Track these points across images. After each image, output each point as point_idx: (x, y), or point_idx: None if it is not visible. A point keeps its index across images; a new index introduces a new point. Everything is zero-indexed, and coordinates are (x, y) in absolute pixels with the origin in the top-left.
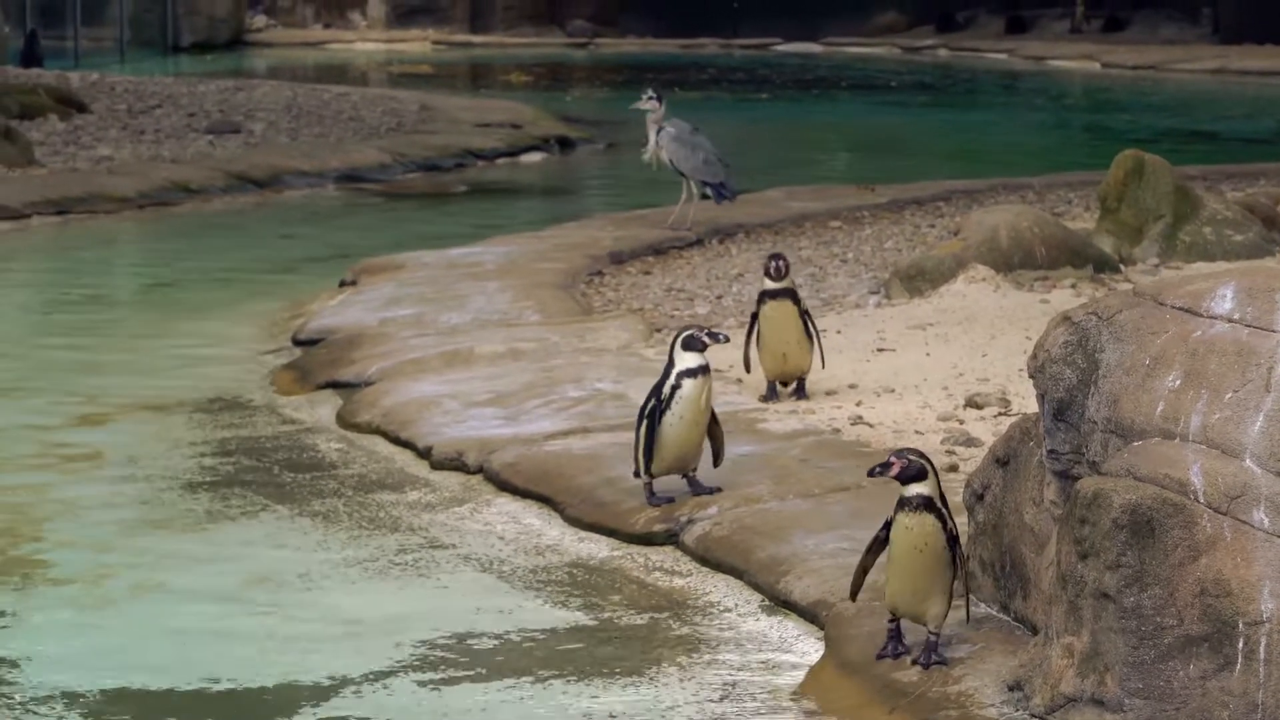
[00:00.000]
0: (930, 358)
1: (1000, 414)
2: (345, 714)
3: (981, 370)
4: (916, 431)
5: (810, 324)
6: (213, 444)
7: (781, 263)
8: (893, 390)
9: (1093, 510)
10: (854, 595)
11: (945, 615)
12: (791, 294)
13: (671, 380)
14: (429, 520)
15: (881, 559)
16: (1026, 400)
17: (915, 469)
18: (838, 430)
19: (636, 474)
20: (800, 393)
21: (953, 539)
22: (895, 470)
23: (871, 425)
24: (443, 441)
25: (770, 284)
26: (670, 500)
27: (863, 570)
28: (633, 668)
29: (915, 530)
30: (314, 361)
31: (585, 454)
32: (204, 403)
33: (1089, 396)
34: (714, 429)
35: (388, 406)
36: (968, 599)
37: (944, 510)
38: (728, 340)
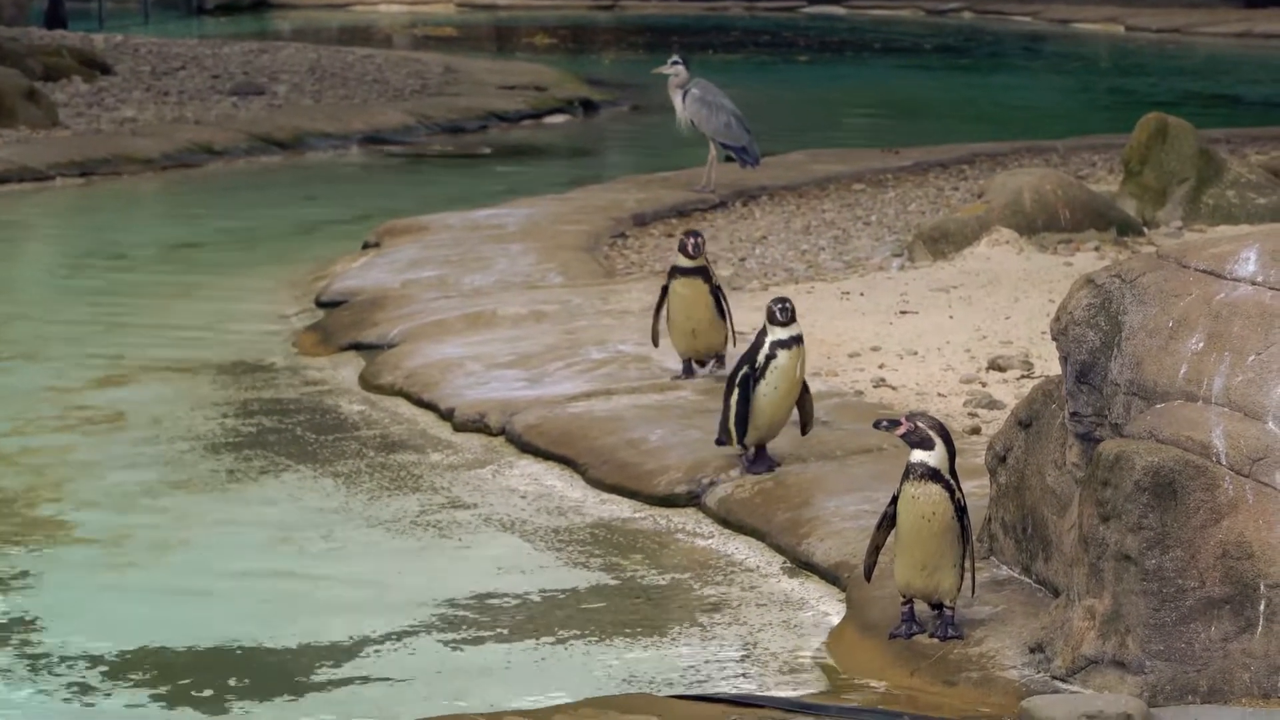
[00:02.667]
0: (953, 320)
1: (1023, 376)
2: (367, 674)
3: (1004, 333)
4: (939, 394)
5: (722, 301)
6: (235, 405)
7: (697, 240)
8: (915, 352)
9: (1115, 472)
10: (868, 575)
11: (959, 589)
12: (704, 272)
13: (766, 350)
14: (451, 481)
15: (892, 537)
16: (1049, 362)
17: (920, 436)
18: (860, 392)
19: (720, 442)
20: (721, 367)
21: (961, 509)
22: (901, 430)
23: (894, 388)
24: (465, 403)
25: (684, 261)
26: (778, 464)
27: (875, 549)
28: (654, 628)
29: (921, 500)
30: (337, 323)
31: (607, 416)
32: (226, 364)
33: (1112, 359)
34: (804, 399)
35: (410, 368)
36: (974, 573)
37: (952, 480)
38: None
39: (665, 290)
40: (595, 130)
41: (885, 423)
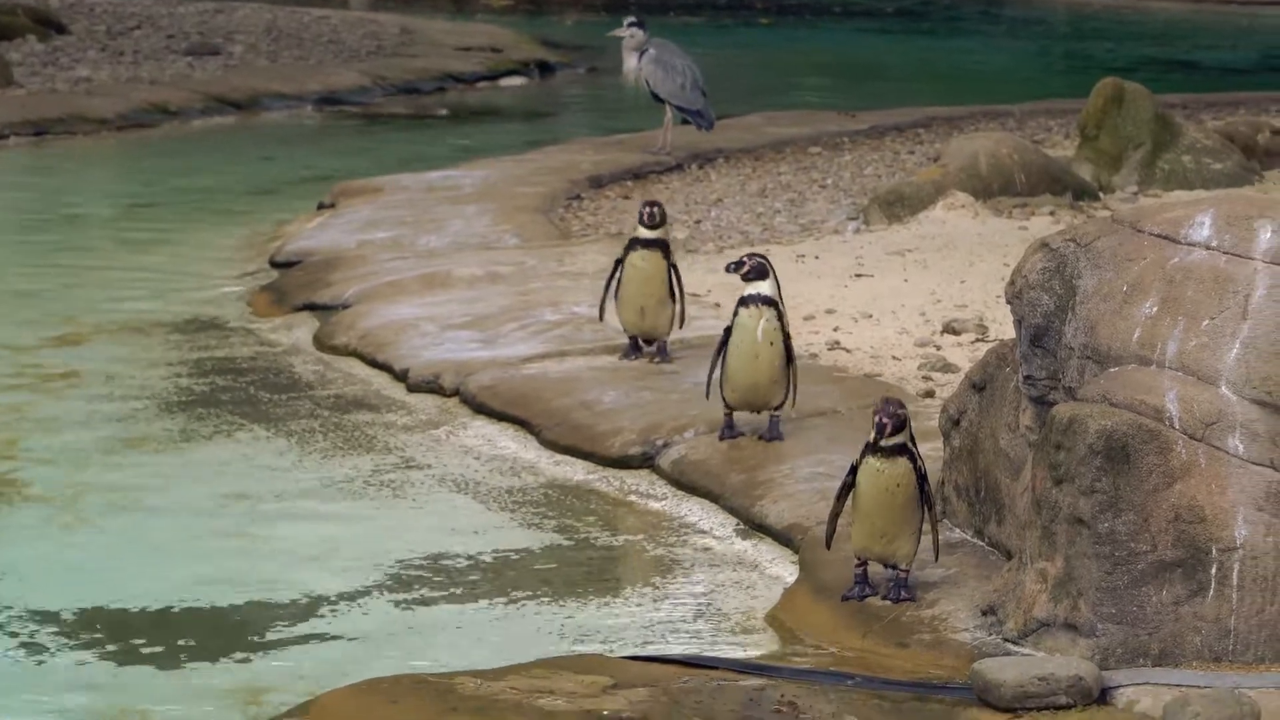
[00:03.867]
0: (908, 284)
1: (977, 340)
2: (320, 633)
3: (959, 296)
4: (894, 357)
5: (676, 280)
6: (189, 364)
7: (653, 209)
8: (870, 316)
9: (1068, 436)
10: (829, 543)
11: (915, 554)
12: (664, 246)
13: (736, 306)
14: (405, 441)
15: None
16: (1004, 326)
17: (900, 423)
18: (815, 355)
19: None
20: (663, 355)
21: (922, 477)
22: (888, 431)
23: (849, 350)
24: (419, 364)
25: (643, 231)
26: (741, 434)
27: (834, 517)
28: (607, 589)
29: (886, 473)
30: (291, 283)
31: (562, 377)
32: (181, 323)
33: (1066, 323)
34: (791, 369)
35: (365, 329)
36: (936, 536)
37: (915, 450)
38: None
39: (620, 263)
40: (552, 92)
41: (875, 434)
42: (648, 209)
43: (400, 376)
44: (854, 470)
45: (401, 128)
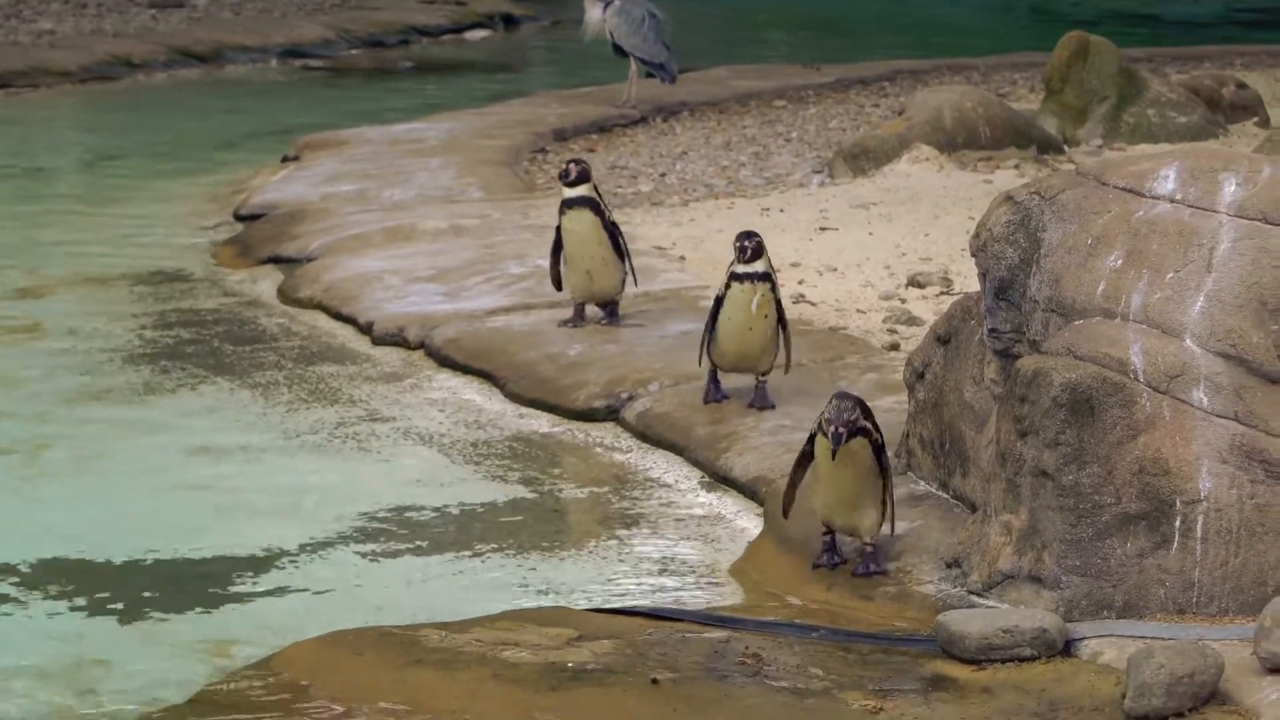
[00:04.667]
0: (873, 237)
1: (942, 293)
2: (284, 585)
3: (924, 249)
4: (858, 310)
5: (619, 238)
6: (153, 317)
7: (573, 165)
8: (835, 269)
9: (1033, 389)
10: (786, 513)
11: (880, 525)
12: (591, 203)
13: (725, 280)
14: (369, 394)
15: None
16: (968, 279)
17: (855, 428)
18: None
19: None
20: (612, 318)
21: (879, 449)
22: (844, 441)
23: (814, 304)
24: (384, 317)
25: (566, 191)
26: (726, 398)
27: (792, 486)
28: (572, 541)
29: (841, 452)
30: (256, 236)
31: (527, 330)
32: (145, 276)
33: (1030, 275)
34: (785, 336)
35: (329, 282)
36: (892, 510)
37: (870, 423)
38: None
39: (558, 229)
40: (516, 45)
41: (833, 443)
42: (566, 166)
43: (365, 329)
44: (811, 440)
45: (366, 81)
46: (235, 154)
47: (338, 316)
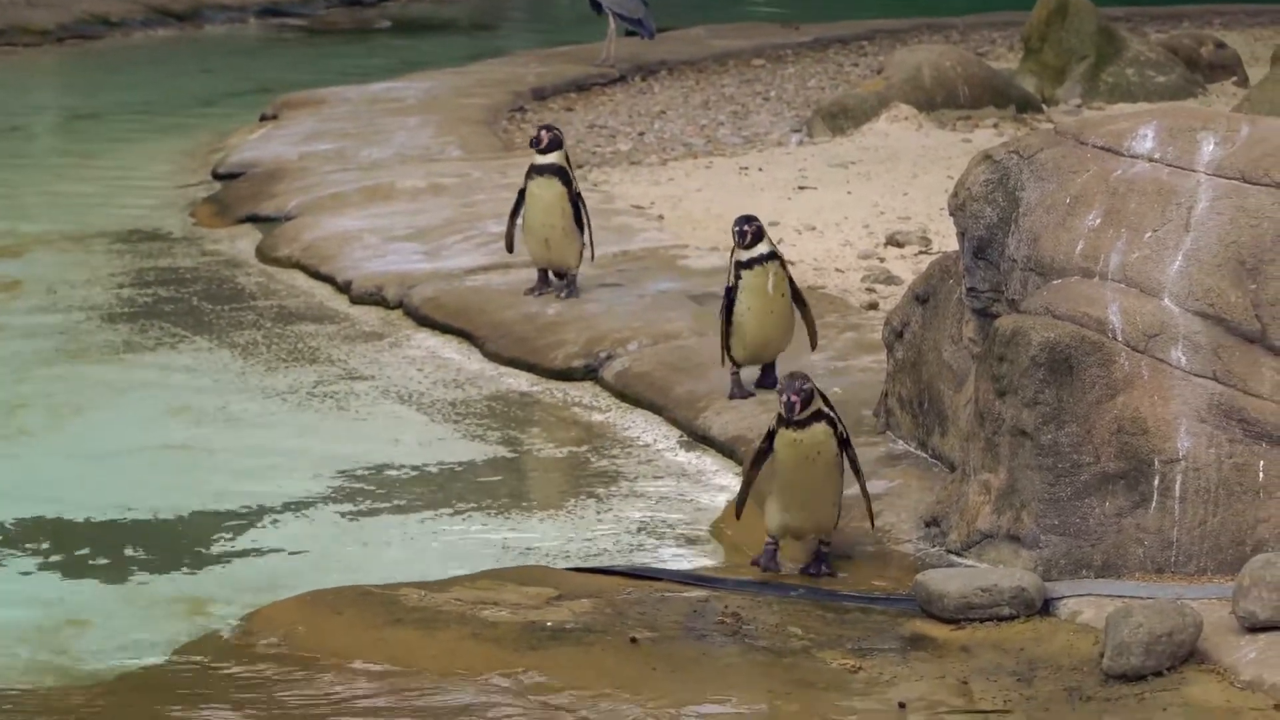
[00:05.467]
0: (852, 196)
1: (921, 252)
2: (263, 545)
3: (903, 208)
4: (837, 269)
5: (582, 209)
6: (131, 275)
7: (540, 133)
8: (814, 228)
9: (1011, 348)
10: (739, 513)
11: (836, 523)
12: (562, 174)
13: (732, 271)
14: (348, 353)
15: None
16: (947, 238)
17: (808, 397)
18: None
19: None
20: (570, 290)
21: (844, 442)
22: (799, 409)
23: (792, 263)
24: (362, 276)
25: (537, 157)
26: (751, 394)
27: (748, 484)
28: (550, 500)
29: (806, 441)
30: (234, 195)
31: (505, 289)
32: (123, 234)
33: (1009, 235)
34: (804, 312)
35: (308, 241)
36: (869, 503)
37: (833, 413)
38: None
39: (521, 192)
40: (495, 3)
41: (786, 412)
42: (538, 133)
43: (343, 288)
44: (770, 437)
45: (344, 40)
46: (213, 113)
47: (316, 275)
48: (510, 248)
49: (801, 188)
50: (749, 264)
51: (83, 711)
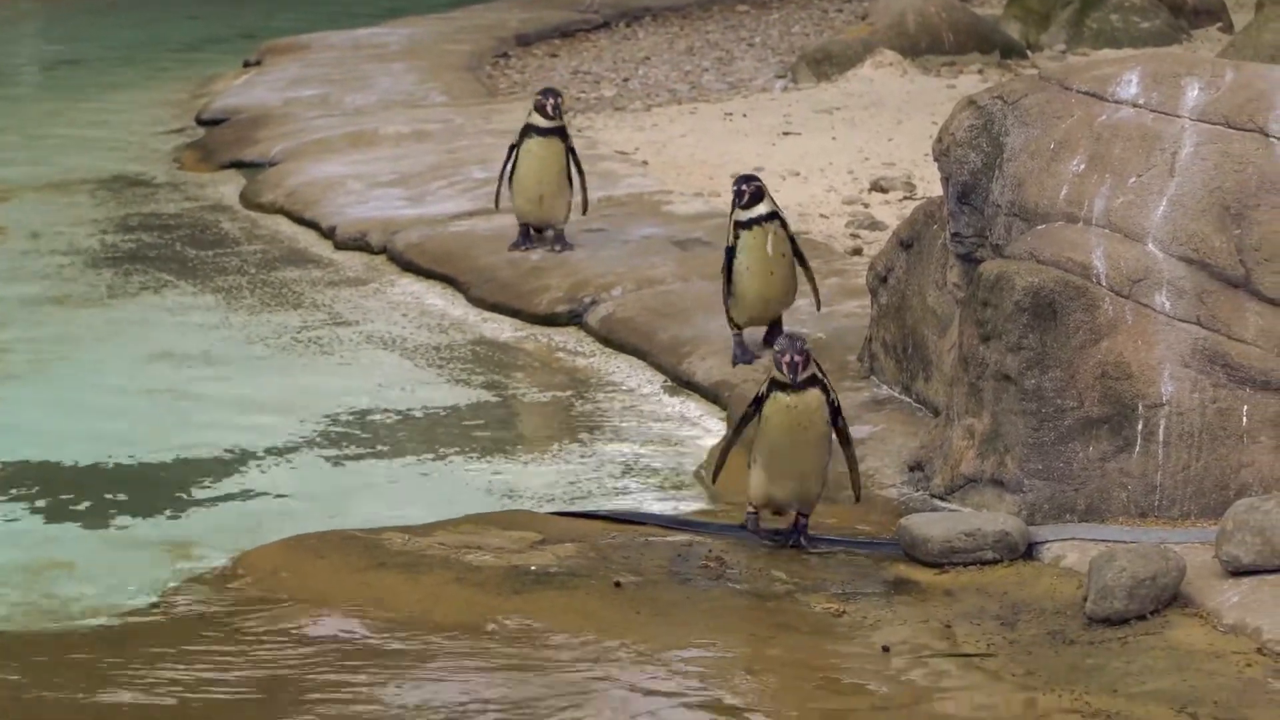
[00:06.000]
0: (836, 142)
1: (905, 198)
2: (247, 489)
3: (887, 154)
4: (821, 215)
5: (577, 166)
6: (116, 221)
7: (556, 101)
8: (798, 174)
9: (995, 293)
10: (715, 478)
11: (819, 497)
12: (561, 132)
13: (731, 231)
14: (332, 298)
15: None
16: (931, 184)
17: (808, 357)
18: None
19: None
20: (561, 243)
21: (836, 410)
22: (801, 370)
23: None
24: (346, 222)
25: (541, 121)
26: (757, 358)
27: (728, 449)
28: (534, 445)
29: (799, 407)
30: (218, 141)
31: (490, 235)
32: (107, 180)
33: (993, 180)
34: (807, 272)
35: (292, 186)
36: (857, 475)
37: (826, 380)
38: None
39: (514, 150)
40: None
41: (790, 376)
42: (549, 101)
43: (327, 234)
44: (758, 402)
45: None
46: (198, 59)
47: (300, 221)
48: (498, 205)
49: (786, 134)
50: (748, 224)
51: (68, 655)
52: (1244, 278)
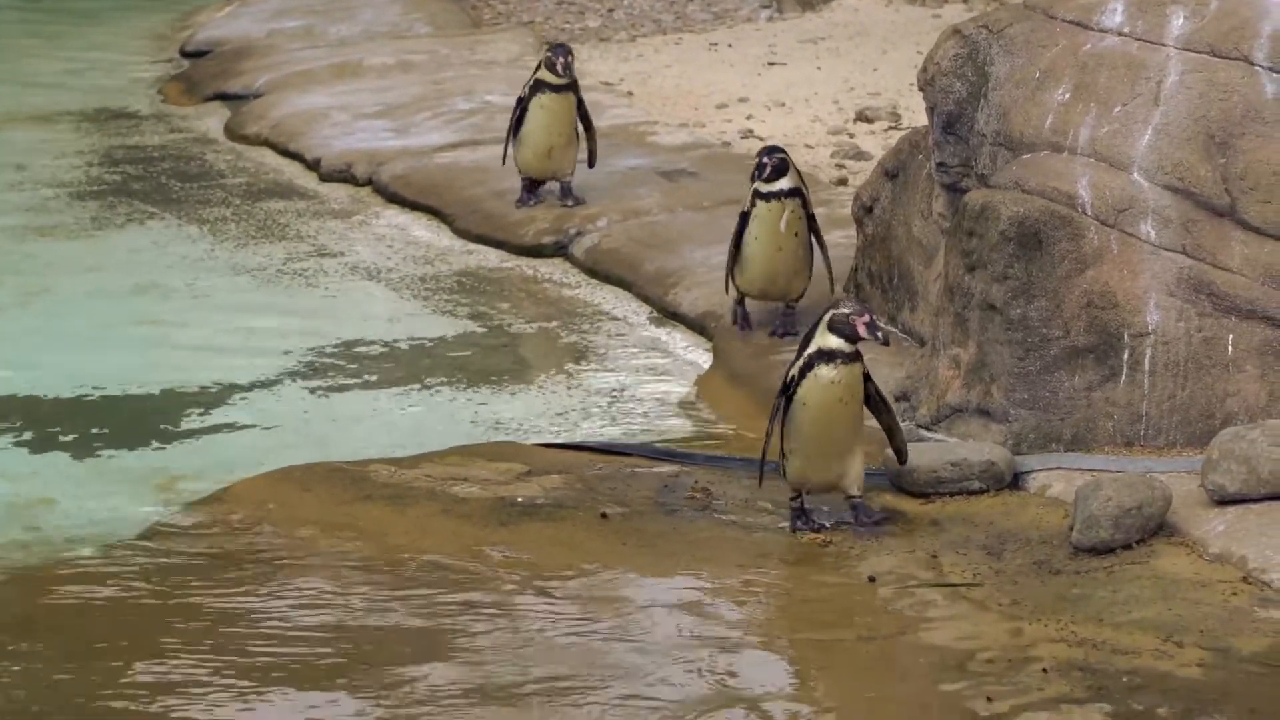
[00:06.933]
0: (821, 71)
1: (890, 128)
2: (232, 420)
3: (872, 84)
4: (806, 145)
5: (586, 119)
6: (100, 153)
7: (567, 60)
8: (783, 104)
9: (980, 222)
10: (765, 463)
11: (863, 474)
12: (574, 86)
13: (749, 199)
14: (317, 230)
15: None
16: (917, 114)
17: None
18: (728, 144)
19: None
20: (569, 196)
21: (870, 380)
22: (863, 325)
23: (762, 139)
24: (331, 153)
25: (552, 79)
26: (754, 328)
27: (769, 437)
28: (520, 375)
29: (841, 383)
30: (202, 73)
31: (474, 166)
32: (91, 112)
33: (978, 109)
34: (824, 253)
35: (276, 118)
36: (903, 442)
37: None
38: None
39: (521, 105)
40: None
41: (860, 330)
42: (560, 59)
43: (312, 166)
44: (788, 386)
45: None
46: None
47: (285, 153)
48: (505, 160)
49: (771, 64)
50: (766, 196)
51: (54, 587)
52: (1229, 206)
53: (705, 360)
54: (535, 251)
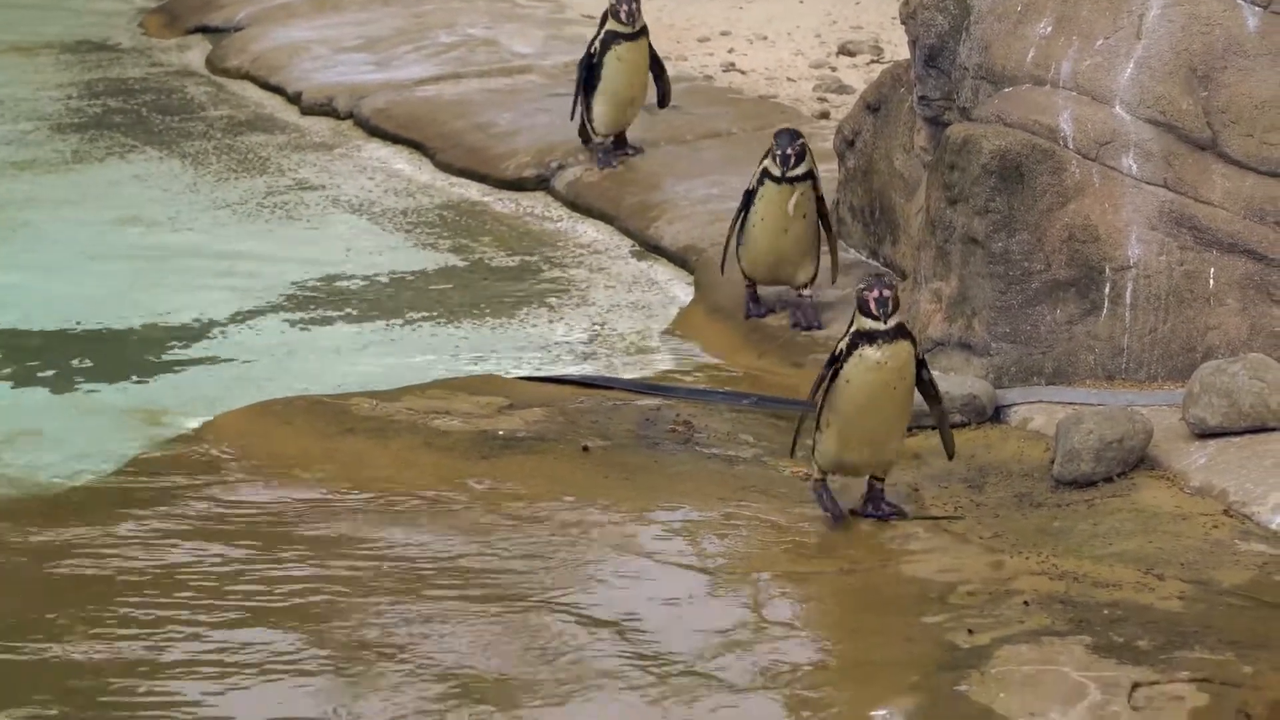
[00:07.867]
0: (804, 5)
1: (872, 61)
2: (214, 354)
3: (854, 17)
4: (789, 79)
5: (658, 61)
6: (80, 86)
7: (632, 5)
8: (765, 38)
9: (962, 156)
10: (793, 452)
11: (896, 460)
12: (645, 32)
13: (756, 177)
14: (298, 163)
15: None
16: (899, 47)
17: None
18: (710, 77)
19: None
20: (624, 147)
21: (922, 363)
22: (892, 308)
23: (744, 72)
24: (313, 87)
25: (622, 28)
26: (771, 311)
27: (801, 422)
28: (502, 309)
29: (890, 364)
30: (183, 6)
31: (456, 100)
32: (71, 45)
33: (960, 43)
34: (830, 239)
35: (257, 51)
36: (949, 438)
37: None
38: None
39: (591, 60)
40: None
41: (874, 307)
42: (625, 7)
43: (293, 99)
44: (835, 362)
45: None
46: None
47: (266, 86)
48: (585, 135)
49: None
50: (777, 179)
51: (38, 520)
52: (1211, 140)
53: (687, 294)
54: (517, 185)
